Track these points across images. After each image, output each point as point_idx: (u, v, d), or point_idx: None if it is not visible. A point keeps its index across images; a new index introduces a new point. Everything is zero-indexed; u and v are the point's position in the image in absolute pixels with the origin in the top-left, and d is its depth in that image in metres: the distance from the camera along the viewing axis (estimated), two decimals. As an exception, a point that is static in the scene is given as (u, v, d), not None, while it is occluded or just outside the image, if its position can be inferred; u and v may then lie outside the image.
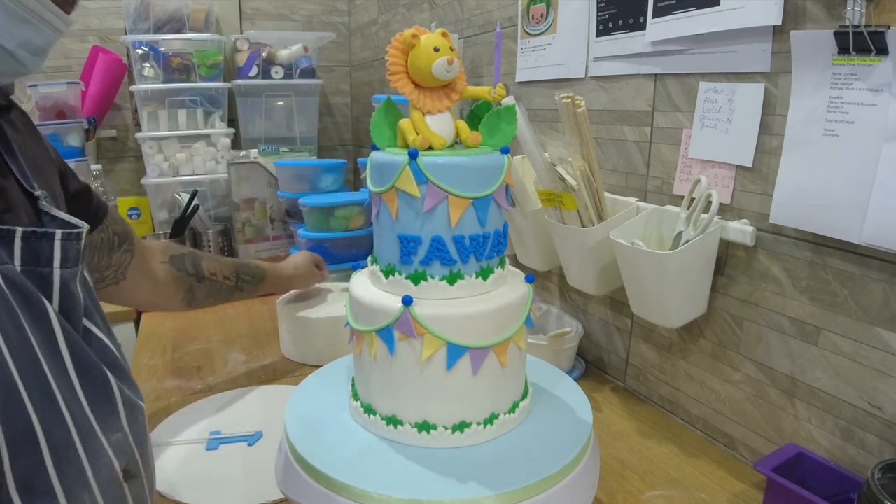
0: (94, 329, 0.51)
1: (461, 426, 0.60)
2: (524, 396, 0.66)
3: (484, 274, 0.61)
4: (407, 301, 0.57)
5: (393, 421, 0.61)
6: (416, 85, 0.61)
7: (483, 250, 0.60)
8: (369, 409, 0.63)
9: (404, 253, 0.60)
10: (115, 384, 0.50)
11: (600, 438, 0.86)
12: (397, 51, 0.60)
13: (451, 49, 0.59)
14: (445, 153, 0.59)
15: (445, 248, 0.59)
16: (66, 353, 0.46)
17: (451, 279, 0.60)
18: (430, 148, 0.60)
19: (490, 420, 0.61)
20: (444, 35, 0.60)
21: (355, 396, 0.66)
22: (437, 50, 0.59)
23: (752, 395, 0.80)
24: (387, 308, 0.58)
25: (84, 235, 0.50)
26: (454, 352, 0.58)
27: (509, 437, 0.62)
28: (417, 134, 0.60)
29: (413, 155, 0.57)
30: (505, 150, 0.61)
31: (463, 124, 0.62)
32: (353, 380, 0.68)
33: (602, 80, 0.99)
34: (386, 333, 0.59)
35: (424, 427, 0.60)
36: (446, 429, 0.60)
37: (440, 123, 0.61)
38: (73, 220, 0.51)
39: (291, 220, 1.66)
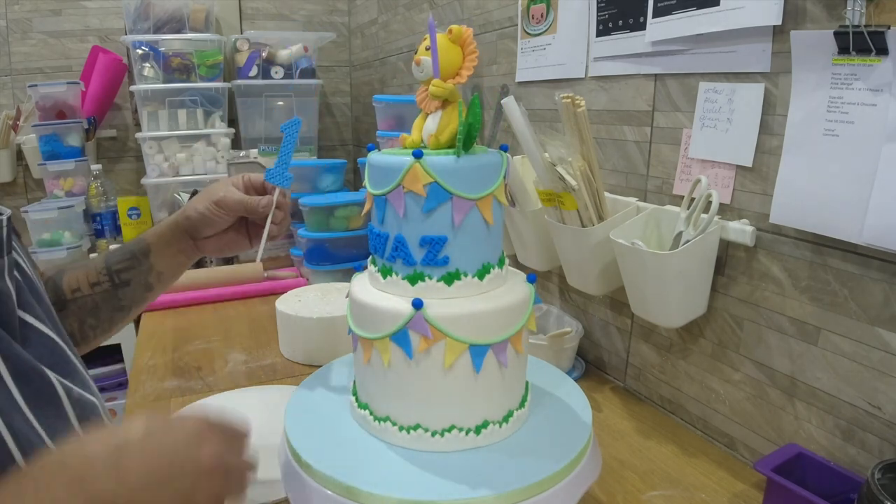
0: (33, 321, 0.45)
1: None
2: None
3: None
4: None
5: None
6: None
7: (382, 249, 0.61)
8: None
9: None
10: (59, 384, 0.44)
11: (600, 438, 0.86)
12: None
13: (427, 49, 0.59)
14: (386, 151, 0.63)
15: (377, 239, 0.63)
16: None
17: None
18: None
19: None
20: (448, 33, 0.60)
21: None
22: (415, 52, 0.60)
23: (752, 395, 0.80)
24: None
25: (6, 222, 0.45)
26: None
27: (509, 438, 0.62)
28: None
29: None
30: (418, 154, 0.56)
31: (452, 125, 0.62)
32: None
33: (602, 80, 0.99)
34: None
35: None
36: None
37: (431, 122, 0.61)
38: None
39: (291, 220, 1.66)
